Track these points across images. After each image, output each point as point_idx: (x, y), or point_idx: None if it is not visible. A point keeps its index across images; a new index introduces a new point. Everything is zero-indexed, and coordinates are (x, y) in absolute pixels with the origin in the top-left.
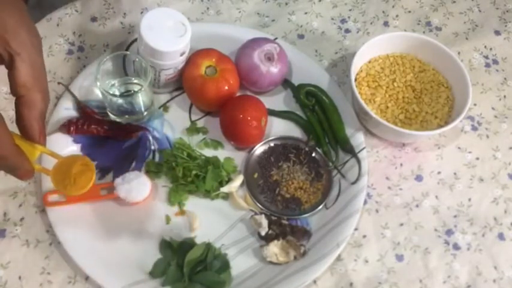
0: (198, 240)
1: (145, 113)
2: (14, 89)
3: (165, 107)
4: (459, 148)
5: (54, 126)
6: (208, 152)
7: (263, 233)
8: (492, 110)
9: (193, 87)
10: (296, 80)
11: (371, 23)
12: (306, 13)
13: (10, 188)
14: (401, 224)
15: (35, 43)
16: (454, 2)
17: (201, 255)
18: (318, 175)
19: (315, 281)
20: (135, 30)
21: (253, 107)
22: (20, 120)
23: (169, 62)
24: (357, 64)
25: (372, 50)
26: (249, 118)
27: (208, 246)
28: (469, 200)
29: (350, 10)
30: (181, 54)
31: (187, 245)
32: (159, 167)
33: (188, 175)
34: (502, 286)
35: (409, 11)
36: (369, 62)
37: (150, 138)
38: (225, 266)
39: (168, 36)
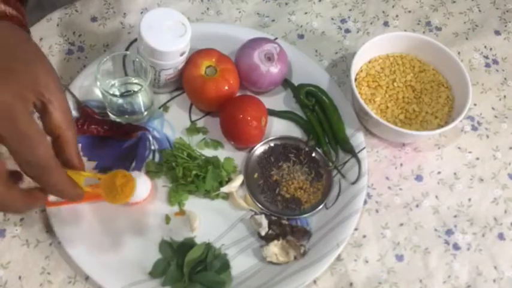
0: (198, 240)
1: (145, 113)
2: (51, 131)
3: (165, 107)
4: (459, 148)
5: None
6: (208, 152)
7: (263, 233)
8: (492, 110)
9: (193, 87)
10: (296, 80)
11: (371, 23)
12: (306, 13)
13: None
14: (401, 224)
15: (58, 86)
16: (454, 2)
17: (200, 255)
18: (318, 175)
19: (315, 281)
20: (135, 30)
21: (253, 107)
22: (61, 155)
23: (169, 62)
24: (357, 64)
25: (372, 50)
26: (249, 118)
27: (208, 246)
28: (469, 200)
29: (350, 10)
30: (181, 54)
31: (187, 245)
32: (159, 167)
33: (188, 175)
34: (502, 286)
35: (409, 11)
36: (369, 62)
37: (150, 138)
38: (225, 266)
39: (168, 36)
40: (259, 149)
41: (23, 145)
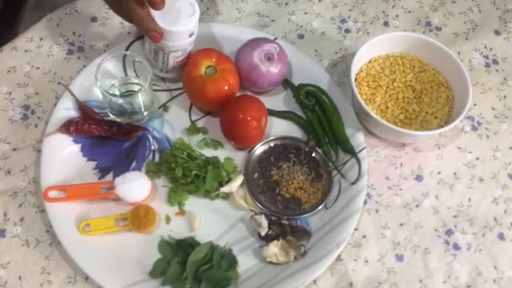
0: (198, 241)
1: (145, 113)
2: None
3: (165, 107)
4: (459, 148)
5: (54, 126)
6: (208, 152)
7: (263, 233)
8: (492, 110)
9: (193, 87)
10: (296, 80)
11: (371, 23)
12: (306, 13)
13: (10, 188)
14: (401, 224)
15: None
16: (454, 2)
17: (205, 256)
18: (318, 175)
19: (315, 281)
20: (135, 30)
21: (253, 107)
22: None
23: (178, 43)
24: (357, 64)
25: (372, 50)
26: (249, 118)
27: (212, 247)
28: (469, 200)
29: (350, 10)
30: (190, 35)
31: (187, 243)
32: (159, 167)
33: (188, 175)
34: (502, 286)
35: (409, 11)
36: (369, 62)
37: (150, 138)
38: (233, 263)
39: (177, 17)
40: (259, 149)
41: None
